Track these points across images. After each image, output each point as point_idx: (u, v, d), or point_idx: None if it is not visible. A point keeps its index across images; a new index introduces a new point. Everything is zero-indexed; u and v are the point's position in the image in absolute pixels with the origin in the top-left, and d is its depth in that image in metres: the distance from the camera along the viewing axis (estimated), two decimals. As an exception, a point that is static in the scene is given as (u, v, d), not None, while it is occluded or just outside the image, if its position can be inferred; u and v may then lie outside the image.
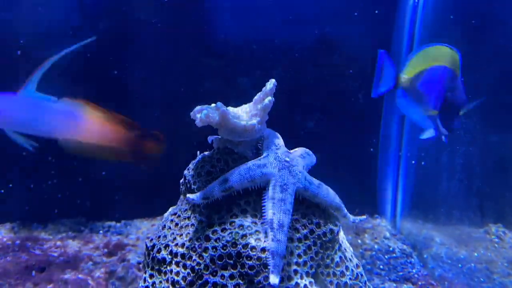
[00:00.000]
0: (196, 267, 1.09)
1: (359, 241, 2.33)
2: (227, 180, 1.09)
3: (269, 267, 1.02)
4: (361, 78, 2.49)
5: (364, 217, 1.21)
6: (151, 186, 2.41)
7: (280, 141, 1.21)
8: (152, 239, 1.21)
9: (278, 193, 1.07)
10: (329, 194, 1.15)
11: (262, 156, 1.15)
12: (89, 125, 1.13)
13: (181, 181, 1.29)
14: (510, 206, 2.13)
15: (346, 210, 1.20)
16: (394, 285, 1.93)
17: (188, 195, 1.12)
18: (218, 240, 1.09)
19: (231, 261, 1.07)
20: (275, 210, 1.05)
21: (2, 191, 2.34)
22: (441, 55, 1.55)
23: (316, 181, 1.14)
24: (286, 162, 1.12)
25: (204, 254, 1.09)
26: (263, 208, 1.07)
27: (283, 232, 1.03)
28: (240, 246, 1.07)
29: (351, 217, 1.21)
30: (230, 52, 2.40)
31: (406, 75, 1.65)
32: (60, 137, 1.13)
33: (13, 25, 2.22)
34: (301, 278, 1.09)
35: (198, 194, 1.09)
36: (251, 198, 1.14)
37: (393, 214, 2.59)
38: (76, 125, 1.13)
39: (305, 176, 1.13)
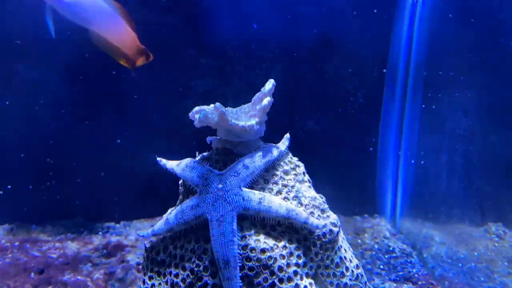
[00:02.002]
0: (196, 269, 1.08)
1: (359, 241, 2.32)
2: (168, 222, 1.11)
3: None
4: (360, 77, 2.48)
5: (323, 223, 1.11)
6: (150, 186, 2.40)
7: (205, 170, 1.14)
8: (151, 241, 1.21)
9: (216, 228, 1.04)
10: (271, 207, 1.07)
11: (196, 195, 1.12)
12: (119, 29, 1.31)
13: (180, 182, 1.29)
14: (510, 205, 2.13)
15: (303, 217, 1.09)
16: (394, 285, 1.92)
17: (139, 232, 1.17)
18: (217, 242, 1.09)
19: (231, 263, 1.06)
20: (216, 247, 1.03)
21: (1, 192, 2.33)
22: None
23: (256, 197, 1.08)
24: (219, 191, 1.08)
25: (203, 255, 1.08)
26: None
27: (230, 267, 1.01)
28: (240, 247, 1.06)
29: (314, 222, 1.10)
30: (228, 52, 2.40)
31: None
32: (92, 29, 1.29)
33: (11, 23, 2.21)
34: (301, 279, 1.08)
35: (149, 230, 1.14)
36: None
37: (392, 213, 2.58)
38: (110, 25, 1.29)
39: (242, 197, 1.08)
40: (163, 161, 1.24)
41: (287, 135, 1.26)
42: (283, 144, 1.24)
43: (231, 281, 1.01)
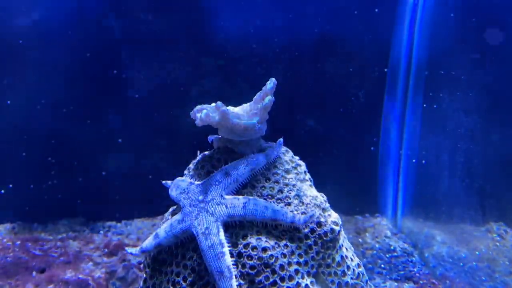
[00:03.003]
0: (197, 267, 1.08)
1: (360, 240, 2.32)
2: (157, 236, 1.10)
3: None
4: (361, 77, 2.48)
5: (310, 213, 1.10)
6: (151, 185, 2.40)
7: (185, 182, 1.15)
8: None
9: (204, 241, 1.04)
10: (257, 210, 1.06)
11: (181, 210, 1.11)
12: None
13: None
14: (511, 204, 2.13)
15: (288, 216, 1.08)
16: (396, 284, 1.92)
17: (127, 248, 1.17)
18: (218, 240, 1.09)
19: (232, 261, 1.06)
20: (208, 260, 1.03)
21: (3, 191, 2.33)
22: None
23: (240, 202, 1.07)
24: (201, 203, 1.07)
25: (204, 254, 1.08)
26: None
27: (225, 278, 1.01)
28: (241, 246, 1.06)
29: (301, 218, 1.09)
30: (229, 52, 2.40)
31: None
32: None
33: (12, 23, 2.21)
34: (302, 277, 1.08)
35: (138, 248, 1.13)
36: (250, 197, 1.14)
37: (394, 212, 2.58)
38: None
39: (226, 205, 1.07)
40: (169, 183, 1.23)
41: (280, 140, 1.21)
42: (274, 150, 1.19)
43: None
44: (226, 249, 1.03)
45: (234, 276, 1.02)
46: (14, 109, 2.28)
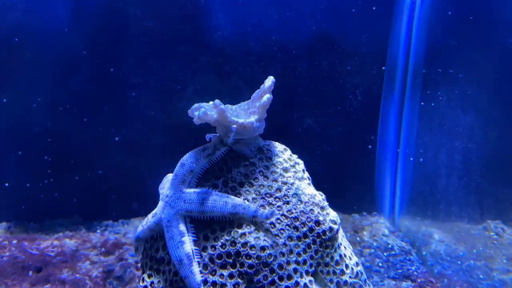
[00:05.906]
0: (195, 267, 1.08)
1: (358, 238, 2.32)
2: (136, 230, 1.18)
3: None
4: (359, 75, 2.48)
5: (272, 210, 1.09)
6: (149, 184, 2.39)
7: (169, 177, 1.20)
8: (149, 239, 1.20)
9: (166, 233, 1.08)
10: (215, 206, 1.07)
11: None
12: None
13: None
14: (509, 202, 2.13)
15: (251, 210, 1.07)
16: (394, 282, 1.92)
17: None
18: (216, 239, 1.08)
19: (230, 260, 1.06)
20: (169, 250, 1.07)
21: (-2, 190, 2.32)
22: None
23: (199, 198, 1.08)
24: (167, 197, 1.12)
25: (202, 253, 1.08)
26: None
27: (184, 265, 1.04)
28: (239, 245, 1.06)
29: (264, 213, 1.07)
30: (227, 50, 2.39)
31: None
32: None
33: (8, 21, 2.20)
34: (301, 276, 1.08)
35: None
36: (249, 196, 1.13)
37: (391, 211, 2.58)
38: None
39: (184, 199, 1.09)
40: None
41: (234, 127, 1.08)
42: (230, 136, 1.10)
43: (189, 278, 1.04)
44: (186, 239, 1.06)
45: (195, 263, 1.04)
46: (10, 108, 2.26)
